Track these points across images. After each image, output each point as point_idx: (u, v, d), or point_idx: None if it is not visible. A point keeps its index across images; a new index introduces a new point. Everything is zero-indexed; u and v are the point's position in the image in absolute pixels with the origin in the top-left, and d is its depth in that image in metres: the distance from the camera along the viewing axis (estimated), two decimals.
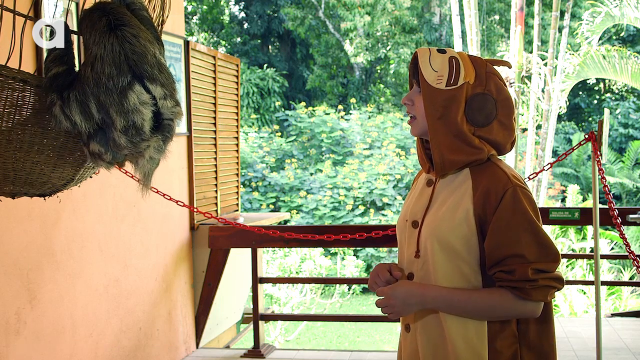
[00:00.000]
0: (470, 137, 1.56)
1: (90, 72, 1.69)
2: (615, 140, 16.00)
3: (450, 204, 1.56)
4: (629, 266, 9.82)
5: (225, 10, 20.24)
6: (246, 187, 13.54)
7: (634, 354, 4.13)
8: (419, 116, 1.62)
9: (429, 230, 1.57)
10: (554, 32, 9.88)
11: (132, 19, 1.75)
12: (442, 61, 1.58)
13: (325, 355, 4.74)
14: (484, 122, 1.57)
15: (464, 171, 1.59)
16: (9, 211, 2.82)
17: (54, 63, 1.77)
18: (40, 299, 3.04)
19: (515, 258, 1.49)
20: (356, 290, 11.17)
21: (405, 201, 1.76)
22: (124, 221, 3.74)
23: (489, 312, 1.52)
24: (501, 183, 1.53)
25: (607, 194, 3.54)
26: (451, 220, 1.54)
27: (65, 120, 1.72)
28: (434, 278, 1.56)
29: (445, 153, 1.56)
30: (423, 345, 1.59)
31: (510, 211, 1.50)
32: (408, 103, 1.64)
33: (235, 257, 4.70)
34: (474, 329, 1.53)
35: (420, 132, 1.64)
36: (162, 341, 4.14)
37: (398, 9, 17.37)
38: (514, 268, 1.48)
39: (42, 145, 1.78)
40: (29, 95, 1.76)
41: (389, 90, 19.00)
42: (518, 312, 1.52)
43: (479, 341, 1.53)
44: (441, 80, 1.56)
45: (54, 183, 1.85)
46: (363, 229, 4.22)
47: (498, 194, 1.51)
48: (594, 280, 3.57)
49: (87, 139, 1.76)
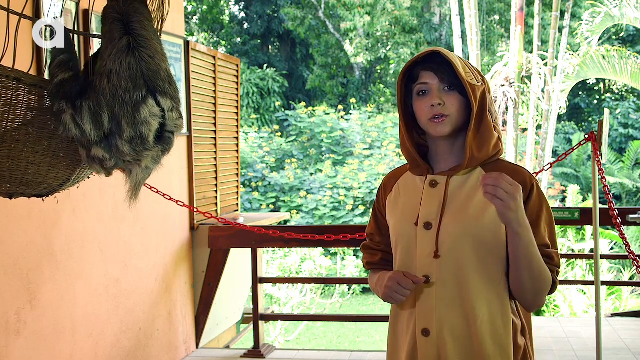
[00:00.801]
0: (494, 133, 1.60)
1: (107, 84, 1.73)
2: (615, 140, 16.00)
3: (476, 203, 1.57)
4: (629, 266, 9.81)
5: (225, 10, 20.25)
6: (246, 187, 13.54)
7: (634, 354, 4.13)
8: (452, 114, 1.59)
9: (456, 229, 1.56)
10: (554, 32, 9.88)
11: (150, 40, 1.79)
12: (459, 59, 1.60)
13: (325, 355, 4.75)
14: (495, 118, 1.63)
15: (476, 171, 1.61)
16: (9, 211, 2.82)
17: (60, 69, 1.78)
18: (40, 299, 3.04)
19: (545, 248, 1.55)
20: (356, 290, 11.17)
21: (395, 203, 1.70)
22: (124, 221, 3.74)
23: (538, 276, 1.53)
24: (527, 178, 1.58)
25: (607, 194, 3.55)
26: (481, 218, 1.56)
27: (75, 129, 1.74)
28: (464, 277, 1.55)
29: (474, 150, 1.58)
30: (450, 348, 1.56)
31: (539, 205, 1.57)
32: (439, 103, 1.58)
33: (235, 257, 4.70)
34: (502, 325, 1.55)
35: (453, 130, 1.60)
36: (162, 341, 4.14)
37: (398, 9, 17.37)
38: (551, 254, 1.56)
39: (36, 145, 1.77)
40: (23, 94, 1.74)
41: (389, 90, 19.00)
42: (546, 292, 1.57)
43: (506, 336, 1.55)
44: (471, 76, 1.58)
45: (50, 183, 1.84)
46: (363, 229, 4.21)
47: (526, 189, 1.56)
48: (594, 280, 3.57)
49: (89, 144, 1.76)
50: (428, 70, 1.60)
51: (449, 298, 1.57)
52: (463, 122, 1.61)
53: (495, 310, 1.55)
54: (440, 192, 1.62)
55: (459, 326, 1.56)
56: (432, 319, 1.58)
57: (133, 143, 1.75)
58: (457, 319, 1.56)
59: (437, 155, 1.66)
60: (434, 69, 1.59)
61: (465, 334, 1.55)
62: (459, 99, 1.59)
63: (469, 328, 1.55)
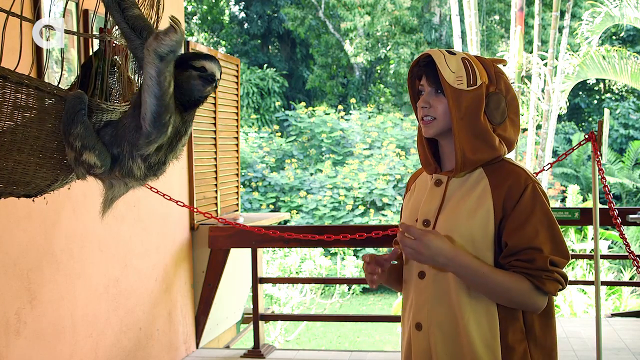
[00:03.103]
0: (491, 136, 1.60)
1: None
2: (615, 140, 15.99)
3: (469, 202, 1.59)
4: (629, 266, 9.81)
5: (225, 10, 20.23)
6: (246, 187, 13.54)
7: (634, 354, 4.13)
8: (438, 117, 1.63)
9: (448, 227, 1.59)
10: (554, 32, 9.88)
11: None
12: (456, 62, 1.60)
13: (325, 355, 4.75)
14: (500, 121, 1.62)
15: (477, 171, 1.62)
16: (9, 211, 2.82)
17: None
18: (40, 299, 3.04)
19: (532, 250, 1.53)
20: (356, 290, 11.17)
21: (408, 202, 1.77)
22: (124, 221, 3.74)
23: (505, 293, 1.53)
24: (522, 179, 1.58)
25: (607, 194, 3.54)
26: (472, 217, 1.57)
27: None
28: (452, 274, 1.57)
29: (467, 153, 1.59)
30: (437, 343, 1.59)
31: (531, 206, 1.55)
32: (425, 106, 1.63)
33: (235, 257, 4.70)
34: (487, 325, 1.55)
35: (437, 133, 1.65)
36: (162, 341, 4.14)
37: (398, 9, 17.37)
38: (534, 257, 1.53)
39: (23, 144, 1.75)
40: (10, 93, 1.71)
41: (389, 90, 18.99)
42: (529, 301, 1.54)
43: (492, 337, 1.55)
44: (461, 81, 1.59)
45: (38, 183, 1.82)
46: (363, 229, 4.22)
47: (519, 189, 1.56)
48: (594, 280, 3.57)
49: (81, 149, 1.75)
50: (422, 73, 1.66)
51: (439, 294, 1.60)
52: (450, 126, 1.63)
53: (480, 309, 1.56)
54: (441, 191, 1.65)
55: (447, 322, 1.58)
56: (424, 314, 1.62)
57: (151, 169, 1.83)
58: (446, 315, 1.59)
59: (444, 154, 1.70)
60: (426, 73, 1.64)
61: (453, 330, 1.57)
62: (446, 103, 1.61)
63: (457, 324, 1.57)
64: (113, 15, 1.85)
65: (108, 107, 1.86)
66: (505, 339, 1.56)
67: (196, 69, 1.74)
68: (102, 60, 1.96)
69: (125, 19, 1.82)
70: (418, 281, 1.64)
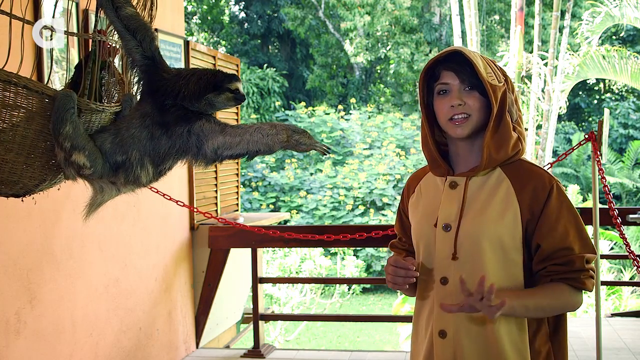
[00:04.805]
0: (512, 133, 1.58)
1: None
2: (615, 140, 15.99)
3: (494, 206, 1.56)
4: (629, 266, 9.81)
5: (225, 10, 20.23)
6: (246, 187, 13.54)
7: (634, 354, 4.13)
8: (474, 114, 1.58)
9: (475, 232, 1.56)
10: (554, 32, 9.88)
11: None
12: (481, 59, 1.58)
13: (325, 355, 4.75)
14: (516, 118, 1.61)
15: (495, 171, 1.60)
16: (9, 211, 2.82)
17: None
18: (40, 299, 3.04)
19: (565, 251, 1.53)
20: (356, 290, 11.16)
21: (417, 205, 1.71)
22: (124, 221, 3.74)
23: (553, 312, 1.55)
24: (545, 179, 1.56)
25: (607, 194, 3.54)
26: (500, 221, 1.55)
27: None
28: (480, 278, 1.54)
29: (492, 150, 1.57)
30: (466, 350, 1.56)
31: (558, 207, 1.54)
32: (460, 103, 1.57)
33: (235, 257, 4.70)
34: (517, 330, 1.54)
35: (472, 131, 1.59)
36: (162, 341, 4.14)
37: (398, 9, 17.36)
38: (571, 259, 1.52)
39: (11, 143, 1.73)
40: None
41: (389, 90, 18.99)
42: (572, 303, 1.55)
43: (522, 342, 1.54)
44: (492, 76, 1.56)
45: (25, 183, 1.81)
46: (363, 229, 4.22)
47: (545, 190, 1.55)
48: (594, 280, 3.57)
49: (70, 149, 1.74)
50: (449, 70, 1.59)
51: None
52: (482, 123, 1.59)
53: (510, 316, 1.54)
54: (459, 194, 1.61)
55: (476, 328, 1.55)
56: (449, 321, 1.57)
57: (160, 175, 1.86)
58: (474, 320, 1.55)
59: (457, 155, 1.65)
60: (454, 69, 1.58)
61: (482, 336, 1.55)
62: (480, 99, 1.57)
63: (486, 332, 1.54)
64: (107, 14, 1.83)
65: (97, 107, 1.84)
66: (533, 343, 1.55)
67: (232, 92, 1.85)
68: (92, 60, 1.95)
69: (119, 18, 1.81)
70: (440, 287, 1.59)
